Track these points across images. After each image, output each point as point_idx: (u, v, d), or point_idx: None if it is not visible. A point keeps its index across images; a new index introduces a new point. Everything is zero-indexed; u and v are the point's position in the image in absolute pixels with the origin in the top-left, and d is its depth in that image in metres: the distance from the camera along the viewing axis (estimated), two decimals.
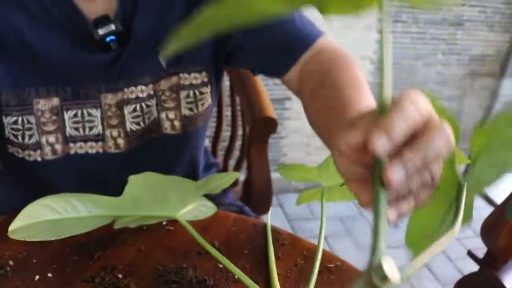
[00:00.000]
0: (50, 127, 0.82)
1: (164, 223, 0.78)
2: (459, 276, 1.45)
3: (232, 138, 1.42)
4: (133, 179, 0.65)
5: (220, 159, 1.46)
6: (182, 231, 0.75)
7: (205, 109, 0.93)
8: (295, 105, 2.29)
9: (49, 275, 0.66)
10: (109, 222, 0.64)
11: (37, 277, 0.66)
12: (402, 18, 2.24)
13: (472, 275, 1.41)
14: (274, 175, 2.41)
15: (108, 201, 0.64)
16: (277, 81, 2.25)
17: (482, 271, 1.37)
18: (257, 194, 1.21)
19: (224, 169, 1.44)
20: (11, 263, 0.67)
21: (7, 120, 0.80)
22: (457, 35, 2.39)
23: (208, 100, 0.93)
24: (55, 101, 0.81)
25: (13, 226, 0.58)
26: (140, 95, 0.86)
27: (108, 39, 0.79)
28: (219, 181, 0.71)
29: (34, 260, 0.68)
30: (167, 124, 0.91)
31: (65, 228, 0.61)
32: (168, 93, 0.88)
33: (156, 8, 0.83)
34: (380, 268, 0.34)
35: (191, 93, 0.90)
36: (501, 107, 2.69)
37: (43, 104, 0.81)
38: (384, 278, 0.34)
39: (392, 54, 2.30)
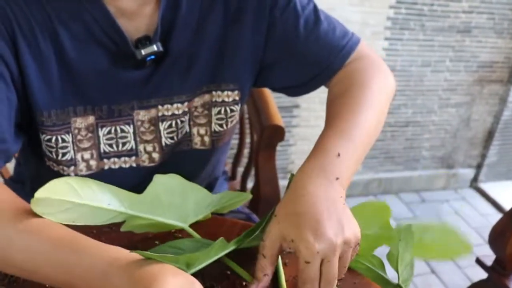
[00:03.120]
0: (86, 144, 0.84)
1: (173, 230, 0.78)
2: (468, 284, 1.45)
3: (240, 146, 1.43)
4: (158, 178, 0.68)
5: (228, 167, 1.47)
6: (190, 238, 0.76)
7: (233, 125, 0.95)
8: (303, 112, 2.30)
9: None
10: (120, 220, 0.66)
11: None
12: (410, 25, 2.25)
13: (480, 282, 1.41)
14: (282, 183, 2.42)
15: (128, 196, 0.65)
16: None
17: (490, 279, 1.36)
18: (265, 202, 1.21)
19: (233, 176, 1.46)
20: None
21: (43, 137, 0.82)
22: (465, 42, 2.39)
23: (236, 117, 0.95)
24: (91, 119, 0.83)
25: (38, 194, 0.59)
26: (176, 112, 0.88)
27: (148, 58, 0.80)
28: (232, 201, 0.74)
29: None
30: (197, 140, 0.92)
31: (80, 215, 0.62)
32: (200, 109, 0.90)
33: (192, 27, 0.84)
34: None
35: (222, 110, 0.91)
36: (510, 113, 2.68)
37: (80, 123, 0.82)
38: None
39: (400, 61, 2.31)
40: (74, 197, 0.62)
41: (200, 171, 0.97)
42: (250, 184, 1.36)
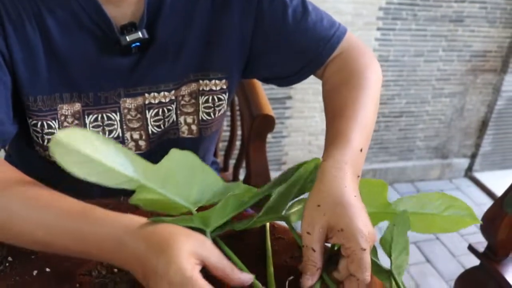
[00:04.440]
0: None
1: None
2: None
3: (232, 138, 1.43)
4: (174, 153, 0.68)
5: (220, 159, 1.47)
6: None
7: (221, 114, 0.96)
8: (296, 103, 2.29)
9: (47, 269, 0.68)
10: (131, 188, 0.64)
11: (35, 272, 0.67)
12: (402, 15, 2.25)
13: (473, 269, 1.42)
14: (276, 174, 2.43)
15: (143, 165, 0.64)
16: None
17: (482, 265, 1.37)
18: None
19: (225, 168, 1.46)
20: (10, 259, 0.69)
21: (30, 121, 0.82)
22: (457, 32, 2.39)
23: (224, 106, 0.95)
24: (77, 106, 0.84)
25: (59, 135, 0.59)
26: (163, 100, 0.88)
27: (133, 45, 0.81)
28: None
29: (33, 256, 0.70)
30: (184, 128, 0.93)
31: (93, 171, 0.61)
32: (187, 98, 0.90)
33: (179, 15, 0.84)
34: None
35: (210, 98, 0.92)
36: (504, 103, 2.69)
37: (66, 109, 0.83)
38: None
39: (393, 52, 2.31)
40: (92, 151, 0.61)
41: None
42: (241, 177, 1.36)
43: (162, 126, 0.90)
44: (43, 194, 0.65)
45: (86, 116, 0.85)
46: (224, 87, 0.91)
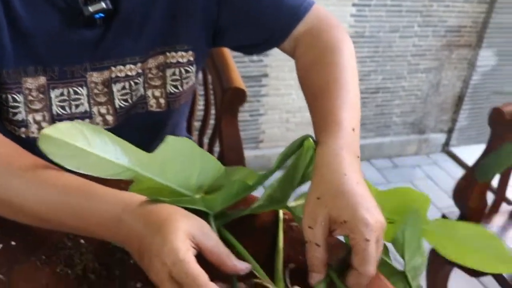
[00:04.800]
0: (37, 106, 0.84)
1: None
2: None
3: (206, 115, 1.43)
4: (170, 140, 0.66)
5: (195, 138, 1.47)
6: None
7: (189, 87, 0.95)
8: (272, 81, 2.29)
9: (13, 243, 0.67)
10: (126, 178, 0.63)
11: (0, 246, 0.67)
12: None
13: None
14: (254, 152, 2.43)
15: (139, 154, 0.64)
16: (253, 58, 2.25)
17: None
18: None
19: (199, 145, 1.45)
20: None
21: None
22: (432, 7, 2.40)
23: (192, 79, 0.94)
24: (42, 80, 0.83)
25: (47, 130, 0.59)
26: (129, 73, 0.87)
27: (97, 16, 0.80)
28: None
29: None
30: (152, 102, 0.92)
31: (86, 163, 0.61)
32: (154, 71, 0.90)
33: None
34: None
35: (177, 71, 0.91)
36: (479, 78, 2.71)
37: (31, 83, 0.82)
38: None
39: (368, 27, 2.31)
40: (83, 143, 0.60)
41: (158, 134, 0.97)
42: (215, 155, 1.36)
43: (129, 100, 0.90)
44: (44, 169, 0.64)
45: (51, 90, 0.84)
46: (191, 59, 0.91)
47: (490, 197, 1.41)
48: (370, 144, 2.70)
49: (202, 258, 0.56)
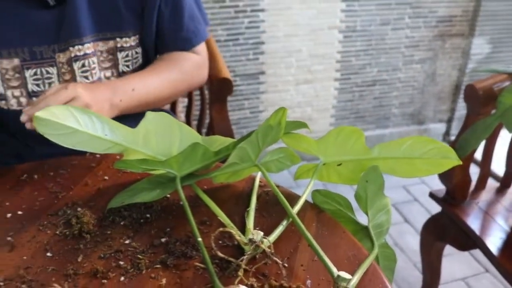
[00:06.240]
0: (14, 83, 0.98)
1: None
2: None
3: (190, 99, 1.49)
4: (149, 115, 0.75)
5: (182, 120, 1.54)
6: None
7: (138, 66, 1.10)
8: (270, 78, 2.38)
9: (19, 212, 0.76)
10: (116, 151, 0.73)
11: (9, 215, 0.76)
12: None
13: (436, 216, 1.50)
14: None
15: (123, 130, 0.73)
16: (251, 56, 2.34)
17: (444, 211, 1.45)
18: None
19: None
20: None
21: None
22: None
23: (140, 59, 1.10)
24: (16, 61, 0.96)
25: (39, 113, 0.67)
26: (87, 51, 1.00)
27: None
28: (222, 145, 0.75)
29: (7, 203, 0.78)
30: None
31: (80, 141, 0.70)
32: (105, 54, 1.04)
33: None
34: None
35: (130, 53, 1.06)
36: (475, 66, 2.77)
37: (6, 64, 0.96)
38: None
39: (359, 22, 2.39)
40: (73, 123, 0.69)
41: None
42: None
43: (90, 77, 1.03)
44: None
45: (25, 70, 0.97)
46: (137, 41, 1.07)
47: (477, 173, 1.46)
48: (371, 136, 2.77)
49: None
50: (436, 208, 1.51)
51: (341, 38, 2.40)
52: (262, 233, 0.63)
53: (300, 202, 0.73)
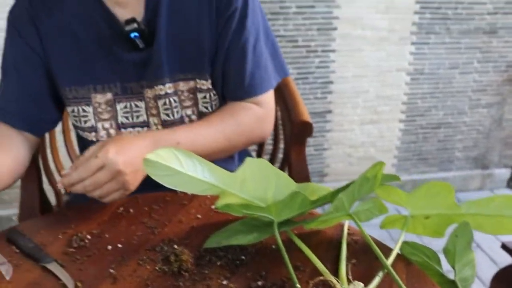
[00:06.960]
0: (106, 116, 1.06)
1: (213, 206, 0.90)
2: (495, 269, 1.50)
3: (276, 141, 1.53)
4: (249, 161, 0.78)
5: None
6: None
7: (216, 108, 1.11)
8: (336, 117, 2.40)
9: (119, 245, 0.80)
10: (213, 193, 0.77)
11: (109, 247, 0.80)
12: (435, 29, 2.34)
13: (508, 267, 1.46)
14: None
15: (222, 173, 0.77)
16: (319, 95, 2.37)
17: None
18: None
19: None
20: (88, 237, 0.82)
21: (68, 109, 1.06)
22: (492, 43, 2.45)
23: (218, 103, 1.10)
24: (109, 95, 1.04)
25: (149, 156, 0.73)
26: (168, 91, 1.05)
27: (132, 35, 0.99)
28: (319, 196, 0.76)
29: (107, 235, 0.83)
30: (186, 120, 1.09)
31: (180, 182, 0.75)
32: (186, 93, 1.07)
33: (178, 11, 1.02)
34: None
35: (208, 95, 1.08)
36: None
37: (100, 98, 1.04)
38: None
39: (428, 65, 2.39)
40: (177, 165, 0.74)
41: None
42: None
43: (171, 115, 1.07)
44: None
45: (117, 104, 1.05)
46: (210, 86, 1.07)
47: None
48: (433, 179, 2.73)
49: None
50: (500, 257, 1.46)
51: (408, 80, 2.40)
52: (362, 284, 0.64)
53: (393, 254, 0.74)
